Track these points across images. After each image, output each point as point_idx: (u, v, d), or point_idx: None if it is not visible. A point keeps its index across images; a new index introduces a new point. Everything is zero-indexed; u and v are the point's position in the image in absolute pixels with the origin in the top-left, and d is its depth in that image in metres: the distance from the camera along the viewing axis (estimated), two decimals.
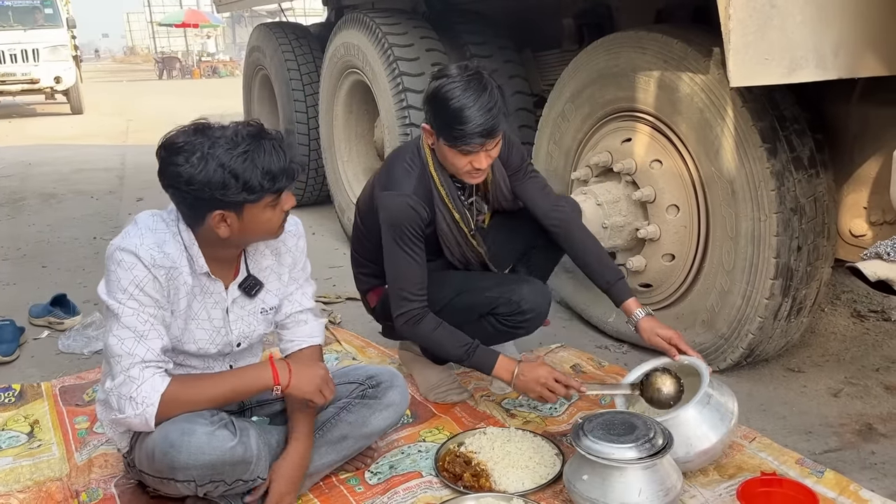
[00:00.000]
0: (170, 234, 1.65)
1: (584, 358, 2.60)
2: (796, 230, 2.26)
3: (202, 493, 1.64)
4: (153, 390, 1.57)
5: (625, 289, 2.16)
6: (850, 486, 1.80)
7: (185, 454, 1.55)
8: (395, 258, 2.06)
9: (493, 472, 1.91)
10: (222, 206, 1.56)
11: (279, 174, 1.57)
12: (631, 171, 2.61)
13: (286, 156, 1.59)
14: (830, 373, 2.52)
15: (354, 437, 1.89)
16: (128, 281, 1.58)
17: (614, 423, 1.75)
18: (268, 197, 1.59)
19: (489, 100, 1.89)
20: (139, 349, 1.58)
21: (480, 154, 1.94)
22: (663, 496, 1.66)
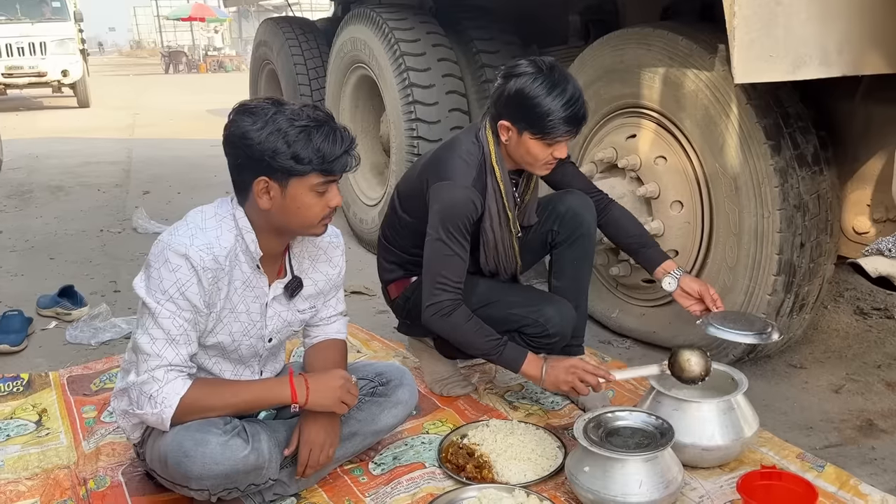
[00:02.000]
0: (224, 226, 1.66)
1: (588, 353, 2.60)
2: (799, 227, 2.27)
3: (215, 500, 1.65)
4: (174, 393, 1.58)
5: (659, 252, 2.23)
6: (850, 481, 1.82)
7: (199, 465, 1.56)
8: (441, 248, 2.02)
9: (496, 464, 1.93)
10: (269, 171, 1.57)
11: (331, 157, 1.58)
12: (635, 168, 2.62)
13: (345, 144, 1.60)
14: (832, 369, 2.53)
15: (364, 434, 1.90)
16: (170, 282, 1.58)
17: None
18: (314, 176, 1.59)
19: (575, 90, 1.93)
20: (168, 353, 1.60)
21: (563, 143, 1.98)
22: (664, 488, 1.68)
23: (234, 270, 1.67)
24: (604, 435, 1.79)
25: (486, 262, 2.17)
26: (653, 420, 1.83)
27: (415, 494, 1.84)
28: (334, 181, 1.65)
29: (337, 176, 1.64)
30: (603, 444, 1.74)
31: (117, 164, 7.13)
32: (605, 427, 1.83)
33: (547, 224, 2.24)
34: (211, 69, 28.69)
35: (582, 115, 1.95)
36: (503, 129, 2.01)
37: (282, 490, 1.81)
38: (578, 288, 2.28)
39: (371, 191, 4.22)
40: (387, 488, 1.87)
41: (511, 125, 1.99)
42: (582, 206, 2.22)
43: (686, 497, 1.79)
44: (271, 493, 1.79)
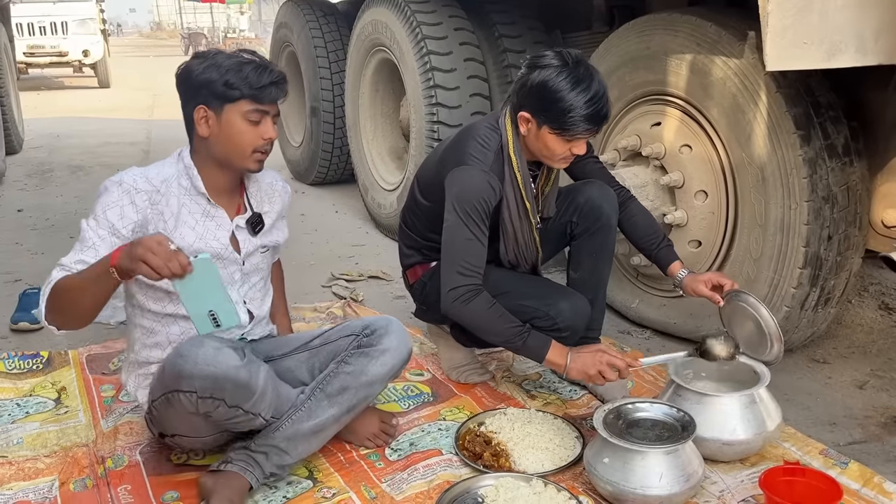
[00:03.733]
0: (166, 164, 1.82)
1: (607, 343, 2.58)
2: (827, 219, 2.23)
3: (202, 411, 1.65)
4: (48, 284, 1.66)
5: (671, 251, 2.20)
6: (874, 479, 1.78)
7: (191, 363, 1.60)
8: (458, 232, 1.99)
9: (513, 453, 1.92)
10: (206, 100, 1.72)
11: (257, 84, 1.72)
12: (659, 156, 2.58)
13: (273, 76, 1.74)
14: (856, 365, 2.49)
15: (355, 388, 1.83)
16: (100, 206, 1.72)
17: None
18: (245, 102, 1.72)
19: (599, 87, 1.88)
20: (71, 256, 1.69)
21: (583, 140, 1.94)
22: (684, 482, 1.66)
23: (177, 198, 1.78)
24: (624, 426, 1.77)
25: (506, 254, 2.14)
26: (674, 412, 1.80)
27: (431, 481, 1.83)
28: (266, 113, 1.76)
29: (267, 106, 1.75)
30: (623, 435, 1.72)
31: (136, 145, 7.16)
32: (625, 418, 1.80)
33: (566, 215, 2.19)
34: None
35: (604, 114, 1.90)
36: (523, 121, 1.97)
37: (278, 459, 1.77)
38: (597, 280, 2.23)
39: (390, 175, 4.19)
40: (403, 474, 1.87)
41: (531, 117, 1.94)
42: (601, 197, 2.18)
43: (706, 491, 1.77)
44: (271, 464, 1.76)
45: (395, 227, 3.82)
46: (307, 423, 1.79)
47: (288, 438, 1.77)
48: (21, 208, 4.70)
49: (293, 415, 1.78)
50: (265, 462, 1.76)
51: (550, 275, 2.68)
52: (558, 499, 1.72)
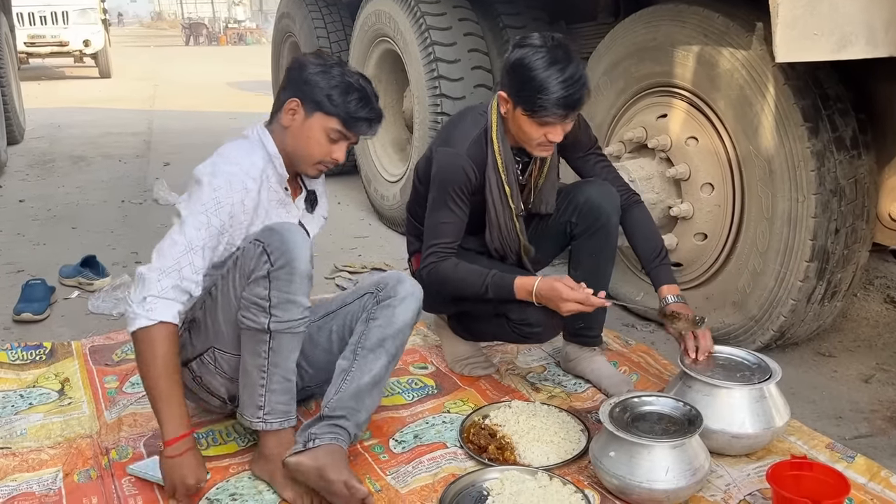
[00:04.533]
0: (253, 147, 1.81)
1: (611, 336, 2.57)
2: (835, 212, 2.22)
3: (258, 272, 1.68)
4: (166, 310, 1.64)
5: (665, 274, 2.09)
6: (881, 473, 1.78)
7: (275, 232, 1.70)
8: (434, 215, 2.04)
9: (518, 446, 1.91)
10: (303, 97, 1.77)
11: (355, 114, 1.77)
12: (665, 148, 2.57)
13: (372, 113, 1.80)
14: (862, 358, 2.48)
15: (392, 335, 1.85)
16: (208, 198, 1.70)
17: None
18: (335, 120, 1.77)
19: (575, 71, 1.84)
20: (184, 260, 1.66)
21: (558, 126, 1.89)
22: (690, 476, 1.65)
23: (264, 191, 1.80)
24: (630, 420, 1.76)
25: (491, 241, 2.13)
26: (680, 406, 1.79)
27: (436, 474, 1.82)
28: (348, 140, 1.81)
29: (352, 135, 1.80)
30: (629, 429, 1.71)
31: (138, 135, 7.13)
32: (631, 412, 1.80)
33: (565, 215, 2.15)
34: (231, 42, 28.63)
35: (577, 99, 1.85)
36: (502, 101, 1.96)
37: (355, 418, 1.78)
38: (597, 280, 2.12)
39: (393, 167, 4.18)
40: (408, 467, 1.86)
41: (508, 97, 1.93)
42: (601, 196, 2.12)
43: (712, 484, 1.76)
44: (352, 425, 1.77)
45: (399, 218, 3.82)
46: (365, 377, 1.80)
47: (354, 396, 1.77)
48: (23, 199, 4.69)
49: (347, 376, 1.80)
50: (347, 424, 1.75)
51: (554, 267, 2.66)
52: (564, 492, 1.71)
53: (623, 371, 2.33)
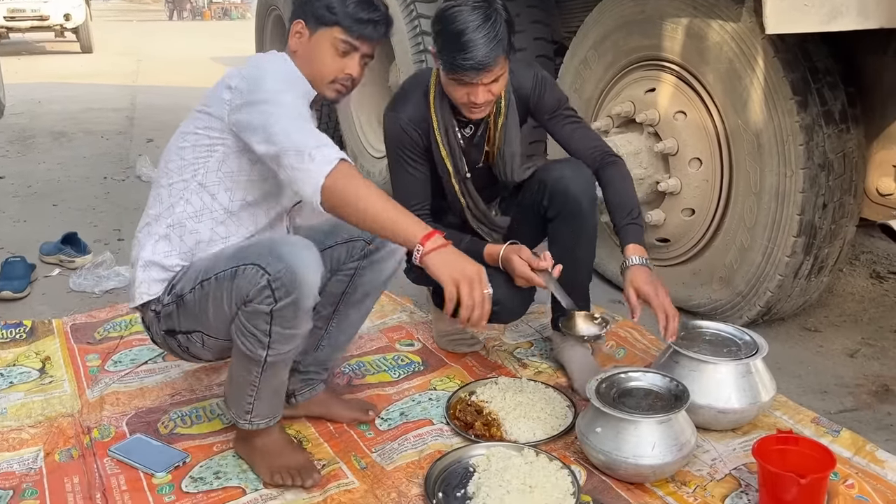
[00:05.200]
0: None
1: (598, 312, 2.55)
2: (823, 187, 2.20)
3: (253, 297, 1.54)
4: (332, 154, 1.49)
5: (633, 233, 1.96)
6: (866, 447, 1.78)
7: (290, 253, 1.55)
8: (396, 179, 2.05)
9: (505, 422, 1.90)
10: (305, 16, 1.69)
11: (356, 15, 1.66)
12: (653, 123, 2.54)
13: (377, 14, 1.69)
14: (847, 333, 2.49)
15: (374, 291, 1.91)
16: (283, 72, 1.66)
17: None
18: (338, 30, 1.66)
19: (490, 30, 1.76)
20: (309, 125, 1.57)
21: (478, 88, 1.81)
22: (677, 451, 1.64)
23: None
24: (616, 395, 1.76)
25: (447, 203, 2.11)
26: (667, 382, 1.79)
27: (422, 451, 1.81)
28: (356, 49, 1.69)
29: (361, 44, 1.69)
30: (616, 405, 1.71)
31: (120, 111, 7.03)
32: (617, 387, 1.79)
33: (538, 195, 2.08)
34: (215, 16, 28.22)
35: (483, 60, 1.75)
36: (433, 57, 1.90)
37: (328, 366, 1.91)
38: (575, 263, 2.07)
39: (379, 143, 4.13)
40: (394, 444, 1.85)
41: (435, 54, 1.88)
42: (572, 178, 2.00)
43: (698, 459, 1.76)
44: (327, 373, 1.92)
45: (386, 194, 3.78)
46: (342, 336, 1.92)
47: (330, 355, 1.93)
48: (3, 175, 4.61)
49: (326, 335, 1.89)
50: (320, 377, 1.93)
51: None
52: (550, 468, 1.71)
53: (609, 346, 2.32)
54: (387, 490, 1.68)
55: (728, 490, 1.66)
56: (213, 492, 1.67)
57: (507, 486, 1.63)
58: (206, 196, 1.70)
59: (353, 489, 1.69)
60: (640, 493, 1.66)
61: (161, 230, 1.70)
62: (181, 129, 1.73)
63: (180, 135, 1.72)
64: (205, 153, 1.68)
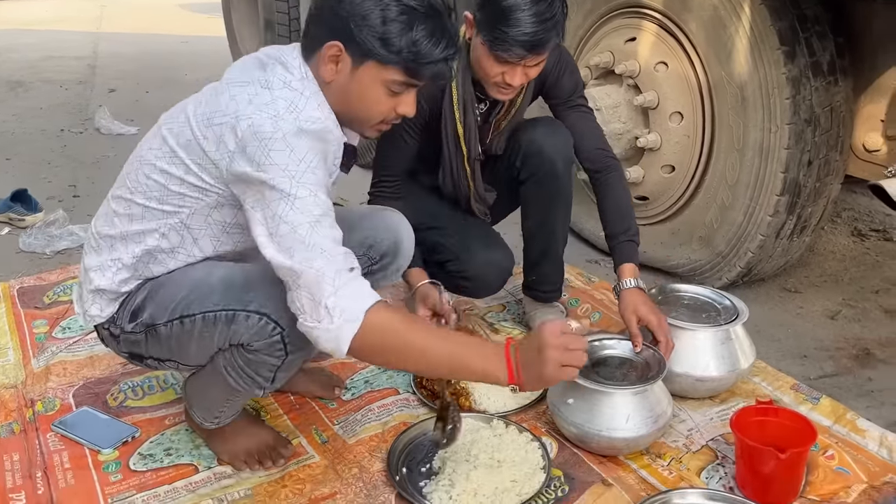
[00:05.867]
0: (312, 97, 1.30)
1: (574, 273, 2.47)
2: (808, 143, 2.10)
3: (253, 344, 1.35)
4: (356, 301, 1.20)
5: (629, 251, 1.83)
6: (846, 415, 1.72)
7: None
8: (383, 142, 1.87)
9: (474, 392, 1.81)
10: (348, 39, 1.27)
11: (425, 58, 1.28)
12: (633, 74, 2.41)
13: (448, 50, 1.30)
14: (828, 294, 2.42)
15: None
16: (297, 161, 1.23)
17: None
18: (395, 70, 1.28)
19: (548, 9, 1.59)
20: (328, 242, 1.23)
21: (518, 68, 1.64)
22: (652, 423, 1.57)
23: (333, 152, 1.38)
24: (589, 365, 1.66)
25: (443, 182, 1.96)
26: (643, 349, 1.70)
27: (386, 423, 1.72)
28: (416, 87, 1.34)
29: (421, 83, 1.34)
30: (589, 375, 1.62)
31: (82, 60, 6.73)
32: (591, 356, 1.69)
33: (511, 156, 1.94)
34: None
35: (540, 39, 1.58)
36: (468, 23, 1.72)
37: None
38: (548, 231, 1.96)
39: None
40: (357, 415, 1.76)
41: (472, 20, 1.69)
42: (547, 139, 1.86)
43: (674, 430, 1.69)
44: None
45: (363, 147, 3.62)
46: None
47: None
48: None
49: None
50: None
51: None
52: (520, 440, 1.63)
53: (584, 310, 2.23)
54: (348, 465, 1.60)
55: (704, 462, 1.59)
56: (163, 470, 1.58)
57: (474, 462, 1.55)
58: (187, 238, 1.41)
59: (312, 464, 1.60)
60: (613, 466, 1.58)
61: (126, 258, 1.41)
62: (170, 141, 1.35)
63: (170, 154, 1.35)
64: (195, 192, 1.35)
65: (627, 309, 1.74)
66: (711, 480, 1.54)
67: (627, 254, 1.82)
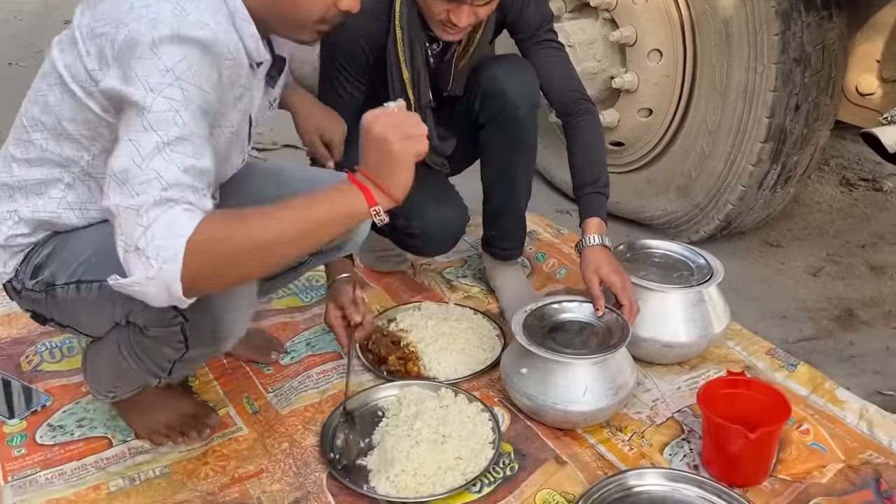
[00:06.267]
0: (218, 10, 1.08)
1: (542, 224, 2.31)
2: (797, 85, 1.92)
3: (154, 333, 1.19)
4: (172, 233, 0.95)
5: (596, 205, 1.65)
6: (825, 384, 1.58)
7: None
8: (322, 95, 1.66)
9: (424, 355, 1.67)
10: None
11: None
12: (610, 7, 2.20)
13: None
14: (811, 248, 2.27)
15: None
16: (169, 64, 0.99)
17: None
18: None
19: None
20: (163, 166, 0.97)
21: (464, 7, 1.45)
22: (612, 395, 1.42)
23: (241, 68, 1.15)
24: (546, 331, 1.52)
25: None
26: (605, 313, 1.55)
27: (325, 391, 1.58)
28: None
29: None
30: (545, 341, 1.47)
31: None
32: (548, 320, 1.55)
33: (470, 99, 1.73)
34: None
35: None
36: None
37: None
38: (509, 181, 1.78)
39: None
40: (293, 382, 1.61)
41: None
42: (509, 78, 1.68)
43: (638, 400, 1.55)
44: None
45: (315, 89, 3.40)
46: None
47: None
48: None
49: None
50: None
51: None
52: (469, 411, 1.49)
53: (551, 265, 2.08)
54: (278, 439, 1.45)
55: (669, 437, 1.46)
56: (73, 443, 1.43)
57: (416, 437, 1.41)
58: (95, 190, 1.20)
59: (239, 437, 1.46)
60: (569, 441, 1.45)
61: (25, 213, 1.22)
62: (59, 64, 1.12)
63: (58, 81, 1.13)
64: (87, 130, 1.14)
65: (589, 268, 1.57)
66: (675, 457, 1.41)
67: (594, 207, 1.64)
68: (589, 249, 1.59)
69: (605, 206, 1.66)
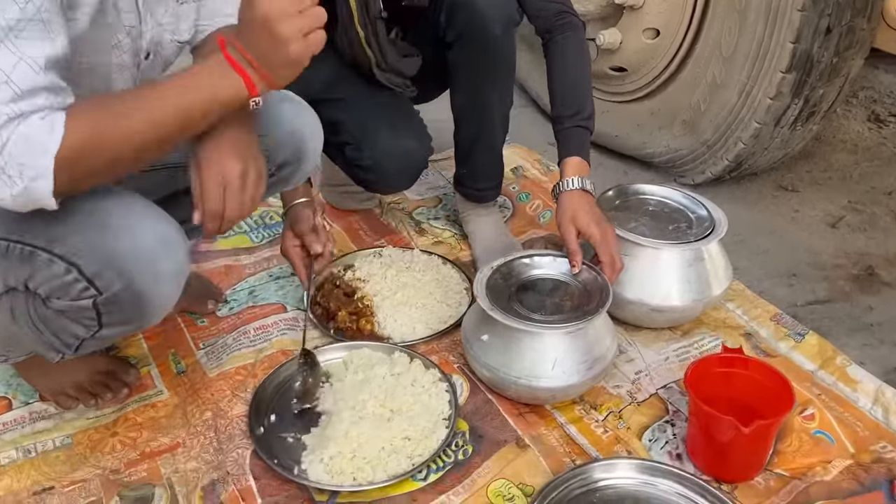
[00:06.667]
0: None
1: (531, 159, 2.06)
2: (829, 4, 1.64)
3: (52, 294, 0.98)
4: (39, 143, 0.81)
5: (578, 141, 1.42)
6: (836, 359, 1.37)
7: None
8: None
9: (379, 311, 1.47)
10: None
11: None
12: None
13: None
14: (831, 194, 2.02)
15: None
16: None
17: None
18: None
19: None
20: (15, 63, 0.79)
21: None
22: (586, 370, 1.22)
23: None
24: (514, 290, 1.30)
25: (341, 44, 1.45)
26: (583, 270, 1.33)
27: (261, 350, 1.38)
28: None
29: None
30: (511, 303, 1.26)
31: None
32: (516, 278, 1.33)
33: (436, 11, 1.47)
34: None
35: None
36: None
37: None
38: (481, 112, 1.55)
39: None
40: (227, 339, 1.42)
41: None
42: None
43: (618, 372, 1.35)
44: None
45: None
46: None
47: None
48: None
49: None
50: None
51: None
52: (423, 380, 1.30)
53: (534, 207, 1.85)
54: (201, 406, 1.27)
55: (650, 418, 1.26)
56: None
57: (360, 411, 1.22)
58: None
59: (158, 403, 1.29)
60: (534, 419, 1.25)
61: None
62: None
63: None
64: None
65: (564, 217, 1.34)
66: (656, 444, 1.22)
67: (575, 144, 1.40)
68: (566, 195, 1.36)
69: (588, 142, 1.42)
